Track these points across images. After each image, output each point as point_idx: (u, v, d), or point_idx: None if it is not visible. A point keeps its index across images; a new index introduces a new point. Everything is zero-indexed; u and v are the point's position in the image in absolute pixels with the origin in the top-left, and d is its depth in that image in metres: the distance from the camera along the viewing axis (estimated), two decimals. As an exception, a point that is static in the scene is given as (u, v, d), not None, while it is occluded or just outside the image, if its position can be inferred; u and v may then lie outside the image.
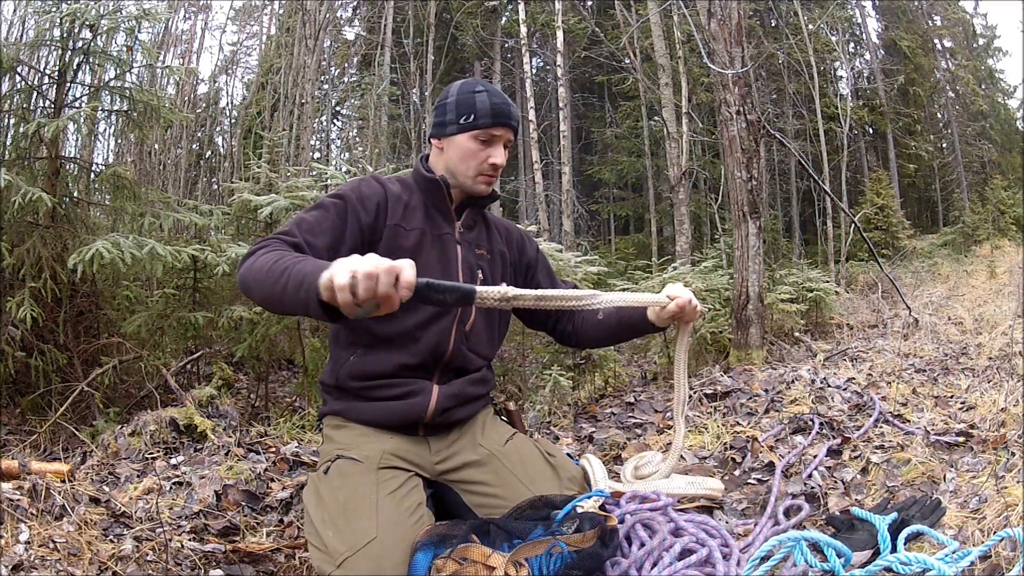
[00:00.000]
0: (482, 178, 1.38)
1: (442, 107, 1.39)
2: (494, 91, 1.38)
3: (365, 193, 1.34)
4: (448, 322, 1.34)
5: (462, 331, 1.36)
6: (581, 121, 18.57)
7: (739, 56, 4.16)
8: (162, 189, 9.52)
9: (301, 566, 1.56)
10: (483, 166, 1.37)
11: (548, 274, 1.59)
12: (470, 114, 1.35)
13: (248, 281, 1.11)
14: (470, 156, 1.36)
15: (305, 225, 1.24)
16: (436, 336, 1.32)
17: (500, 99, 1.37)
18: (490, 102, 1.35)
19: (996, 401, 2.26)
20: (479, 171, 1.37)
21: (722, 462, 2.10)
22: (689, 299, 1.33)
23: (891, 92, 19.59)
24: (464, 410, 1.39)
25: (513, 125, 1.38)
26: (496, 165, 1.37)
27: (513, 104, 1.40)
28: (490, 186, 1.41)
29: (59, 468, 1.73)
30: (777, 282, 6.00)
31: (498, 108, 1.35)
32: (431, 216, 1.39)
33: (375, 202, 1.33)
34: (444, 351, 1.34)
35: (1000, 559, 1.15)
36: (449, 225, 1.41)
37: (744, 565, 1.21)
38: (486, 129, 1.34)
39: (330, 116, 16.91)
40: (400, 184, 1.41)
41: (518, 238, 1.55)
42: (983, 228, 15.77)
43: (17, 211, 2.50)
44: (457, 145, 1.37)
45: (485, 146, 1.36)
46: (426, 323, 1.32)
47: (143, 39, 3.32)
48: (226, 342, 3.37)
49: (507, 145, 1.40)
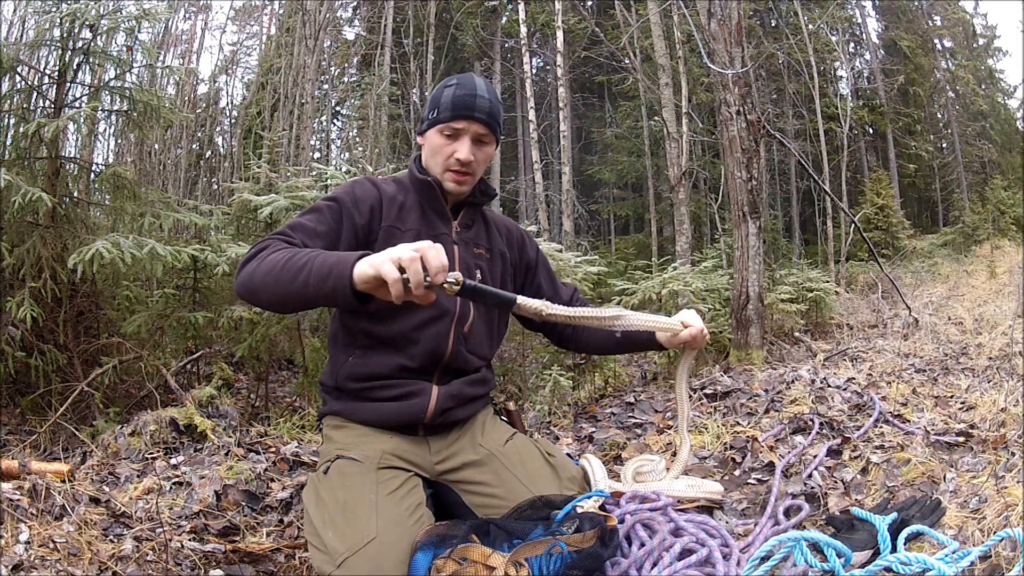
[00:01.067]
0: (450, 175, 1.34)
1: (426, 104, 1.39)
2: (465, 83, 1.33)
3: (359, 195, 1.33)
4: (446, 324, 1.33)
5: (460, 332, 1.36)
6: (581, 121, 18.57)
7: (739, 56, 4.16)
8: (162, 189, 9.53)
9: (301, 566, 1.56)
10: (449, 161, 1.33)
11: (548, 275, 1.58)
12: (435, 108, 1.33)
13: (254, 283, 1.10)
14: (437, 151, 1.34)
15: (301, 229, 1.24)
16: (434, 338, 1.32)
17: (466, 91, 1.31)
18: (454, 94, 1.30)
19: (996, 401, 2.26)
20: (446, 167, 1.34)
21: (722, 462, 2.10)
22: (701, 328, 1.34)
23: (891, 92, 19.60)
24: (464, 410, 1.39)
25: (477, 117, 1.31)
26: (460, 160, 1.32)
27: (483, 95, 1.32)
28: (461, 184, 1.36)
29: (59, 468, 1.73)
30: (777, 282, 6.01)
31: (460, 100, 1.30)
32: (427, 216, 1.38)
33: (369, 204, 1.33)
34: (443, 352, 1.33)
35: (1000, 559, 1.15)
36: (445, 225, 1.39)
37: (744, 565, 1.21)
38: (447, 123, 1.31)
39: (330, 116, 16.91)
40: (396, 185, 1.40)
41: (519, 238, 1.54)
42: (983, 228, 15.77)
43: (17, 211, 2.50)
44: (428, 141, 1.36)
45: (450, 140, 1.32)
46: (424, 325, 1.31)
47: (143, 39, 3.33)
48: (226, 342, 3.37)
49: (480, 140, 1.34)
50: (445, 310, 1.33)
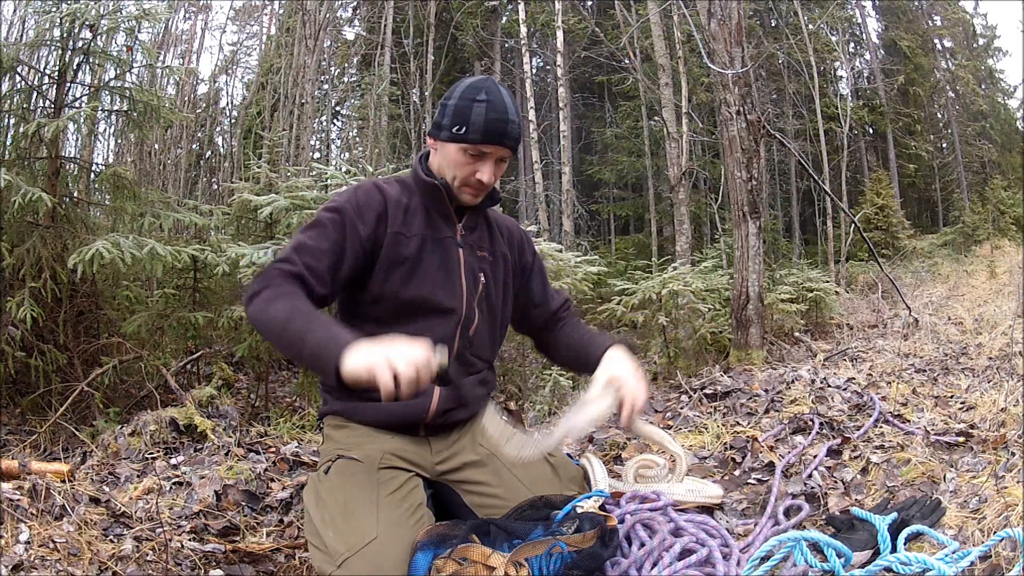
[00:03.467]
0: (467, 189, 1.33)
1: (444, 107, 1.32)
2: (496, 102, 1.28)
3: (363, 203, 1.31)
4: (452, 327, 1.33)
5: (466, 336, 1.36)
6: (581, 121, 18.57)
7: (739, 56, 4.16)
8: (162, 189, 9.53)
9: (301, 566, 1.56)
10: (470, 179, 1.31)
11: (542, 280, 1.56)
12: (463, 125, 1.27)
13: (261, 327, 1.18)
14: (457, 167, 1.30)
15: (305, 250, 1.23)
16: (439, 340, 1.30)
17: (498, 114, 1.27)
18: (485, 117, 1.26)
19: (996, 401, 2.26)
20: (465, 183, 1.32)
21: (722, 462, 2.10)
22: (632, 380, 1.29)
23: (891, 92, 19.61)
24: (465, 411, 1.39)
25: (508, 144, 1.29)
26: (484, 182, 1.30)
27: (513, 118, 1.29)
28: (476, 198, 1.35)
29: (59, 468, 1.73)
30: (777, 282, 6.01)
31: (492, 125, 1.26)
32: (432, 219, 1.36)
33: (375, 212, 1.30)
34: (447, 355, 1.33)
35: (1000, 559, 1.15)
36: (450, 228, 1.37)
37: (744, 565, 1.21)
38: (476, 145, 1.27)
39: (330, 116, 16.91)
40: (399, 186, 1.38)
41: (519, 240, 1.53)
42: (983, 228, 15.79)
43: (17, 211, 2.51)
44: (447, 153, 1.31)
45: (474, 160, 1.29)
46: (429, 328, 1.29)
47: (143, 39, 3.33)
48: (226, 342, 3.37)
49: (503, 160, 1.33)
50: (451, 312, 1.33)
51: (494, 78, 1.33)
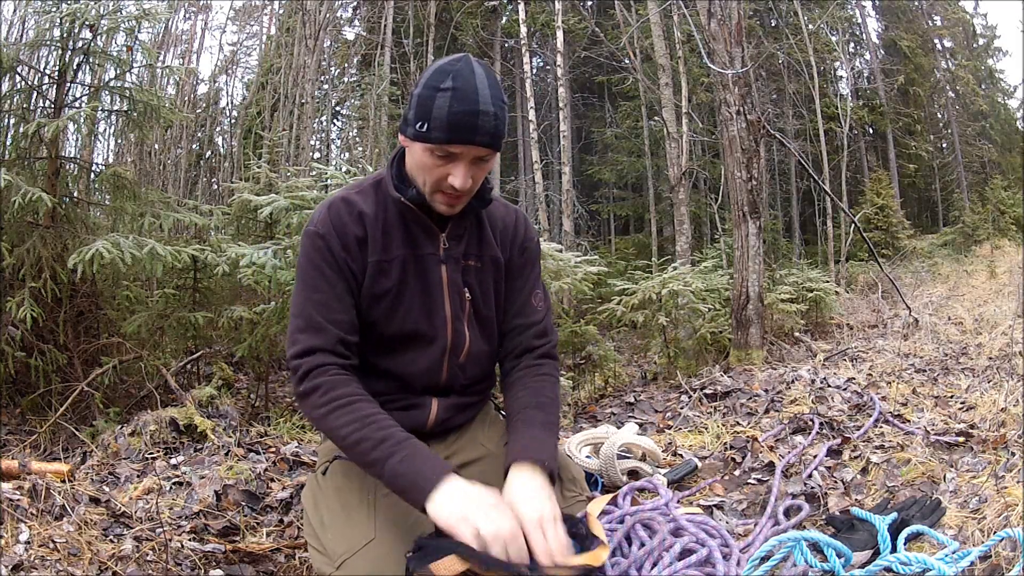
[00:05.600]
0: (440, 197, 1.14)
1: (411, 96, 1.12)
2: (464, 89, 1.05)
3: (343, 231, 1.17)
4: (437, 357, 1.26)
5: (455, 363, 1.29)
6: (581, 121, 18.57)
7: (739, 56, 4.16)
8: (162, 189, 9.53)
9: (301, 566, 1.56)
10: (441, 184, 1.12)
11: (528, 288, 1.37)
12: (424, 120, 1.07)
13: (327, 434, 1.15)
14: (426, 170, 1.11)
15: (320, 309, 1.15)
16: (428, 370, 1.27)
17: (465, 105, 1.05)
18: (448, 110, 1.04)
19: (996, 401, 2.26)
20: (436, 188, 1.13)
21: (722, 462, 2.10)
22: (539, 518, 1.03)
23: (891, 92, 19.61)
24: (464, 415, 1.38)
25: (480, 141, 1.07)
26: (456, 187, 1.10)
27: (487, 108, 1.06)
28: (453, 207, 1.16)
29: (59, 468, 1.74)
30: (777, 282, 6.02)
31: (457, 119, 1.05)
32: (411, 235, 1.22)
33: (354, 236, 1.18)
34: (437, 381, 1.29)
35: (1000, 559, 1.15)
36: (432, 243, 1.23)
37: (744, 565, 1.21)
38: (440, 145, 1.07)
39: (330, 116, 16.92)
40: (373, 196, 1.22)
41: (513, 234, 1.36)
42: (983, 228, 15.79)
43: (17, 211, 2.51)
44: (414, 153, 1.13)
45: (444, 162, 1.09)
46: (416, 360, 1.25)
47: (143, 39, 3.33)
48: (226, 342, 3.37)
49: (481, 160, 1.11)
50: (434, 340, 1.25)
51: (469, 56, 1.11)
